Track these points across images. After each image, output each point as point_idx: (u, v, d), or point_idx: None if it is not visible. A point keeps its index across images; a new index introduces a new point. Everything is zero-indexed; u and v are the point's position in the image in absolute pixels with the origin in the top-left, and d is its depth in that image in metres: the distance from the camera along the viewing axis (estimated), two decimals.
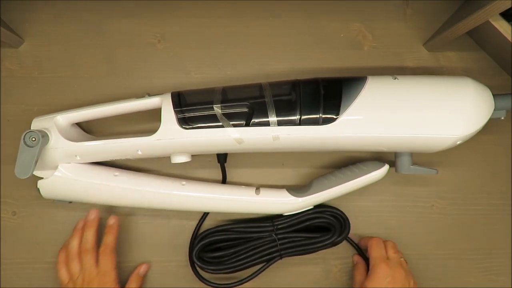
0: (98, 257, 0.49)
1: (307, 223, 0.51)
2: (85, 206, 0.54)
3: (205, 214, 0.55)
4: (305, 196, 0.50)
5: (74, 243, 0.50)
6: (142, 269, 0.53)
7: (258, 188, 0.52)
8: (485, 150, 0.56)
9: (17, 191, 0.55)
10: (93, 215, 0.51)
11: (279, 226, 0.51)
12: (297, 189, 0.52)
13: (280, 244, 0.50)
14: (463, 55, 0.57)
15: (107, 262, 0.49)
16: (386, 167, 0.51)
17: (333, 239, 0.50)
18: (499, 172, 0.57)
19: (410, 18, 0.57)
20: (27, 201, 0.55)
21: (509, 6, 0.43)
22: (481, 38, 0.55)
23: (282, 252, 0.50)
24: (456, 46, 0.57)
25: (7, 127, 0.55)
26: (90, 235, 0.50)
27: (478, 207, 0.56)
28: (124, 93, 0.55)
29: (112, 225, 0.51)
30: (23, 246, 0.54)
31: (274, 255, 0.51)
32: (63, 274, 0.49)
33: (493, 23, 0.47)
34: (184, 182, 0.51)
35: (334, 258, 0.55)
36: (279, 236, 0.50)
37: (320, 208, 0.52)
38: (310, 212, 0.51)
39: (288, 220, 0.51)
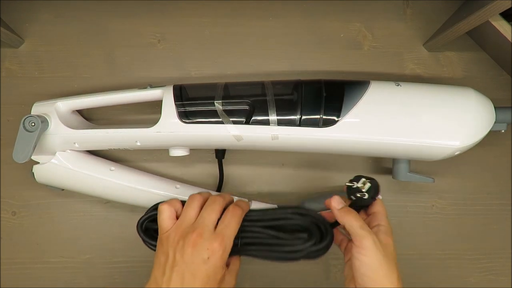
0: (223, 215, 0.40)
1: (281, 222, 0.41)
2: (81, 199, 0.54)
3: None
4: None
5: (204, 193, 0.42)
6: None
7: (250, 201, 0.52)
8: (485, 150, 0.56)
9: (17, 191, 0.55)
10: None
11: (246, 218, 0.41)
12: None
13: (242, 238, 0.41)
14: (463, 55, 0.57)
15: (233, 225, 0.39)
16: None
17: (307, 244, 0.39)
18: (499, 172, 0.57)
19: (410, 18, 0.57)
20: (27, 201, 0.55)
21: (509, 6, 0.43)
22: (481, 38, 0.55)
23: (241, 247, 0.41)
24: (456, 46, 0.57)
25: (7, 127, 0.55)
26: (228, 197, 0.43)
27: (478, 207, 0.56)
28: None
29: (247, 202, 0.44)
30: (23, 246, 0.54)
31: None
32: (166, 219, 0.40)
33: (493, 23, 0.47)
34: (178, 186, 0.51)
35: (334, 258, 0.55)
36: (243, 228, 0.41)
37: (300, 211, 0.42)
38: (287, 212, 0.41)
39: (259, 213, 0.42)
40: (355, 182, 0.41)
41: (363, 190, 0.41)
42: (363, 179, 0.41)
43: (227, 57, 0.56)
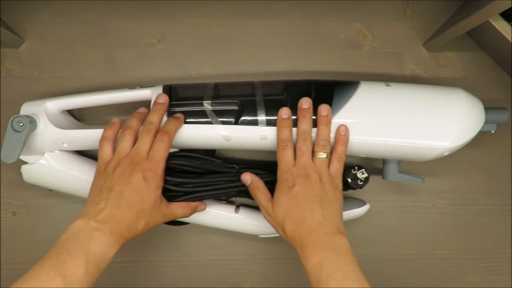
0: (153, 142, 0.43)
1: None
2: (80, 200, 0.54)
3: None
4: None
5: (133, 122, 0.45)
6: (199, 207, 0.48)
7: (238, 206, 0.53)
8: (485, 150, 0.56)
9: (17, 191, 0.55)
10: (162, 99, 0.45)
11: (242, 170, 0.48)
12: None
13: (242, 185, 0.48)
14: (463, 55, 0.57)
15: (162, 151, 0.42)
16: (366, 207, 0.51)
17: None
18: (499, 172, 0.57)
19: (410, 18, 0.57)
20: (27, 201, 0.55)
21: (509, 6, 0.43)
22: (481, 38, 0.55)
23: (242, 189, 0.48)
24: (456, 46, 0.57)
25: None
26: (156, 118, 0.44)
27: (478, 207, 0.56)
28: None
29: (178, 117, 0.45)
30: (23, 246, 0.54)
31: (233, 190, 0.48)
32: (106, 151, 0.44)
33: (493, 23, 0.47)
34: None
35: None
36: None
37: None
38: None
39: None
40: None
41: None
42: None
43: (227, 57, 0.56)
